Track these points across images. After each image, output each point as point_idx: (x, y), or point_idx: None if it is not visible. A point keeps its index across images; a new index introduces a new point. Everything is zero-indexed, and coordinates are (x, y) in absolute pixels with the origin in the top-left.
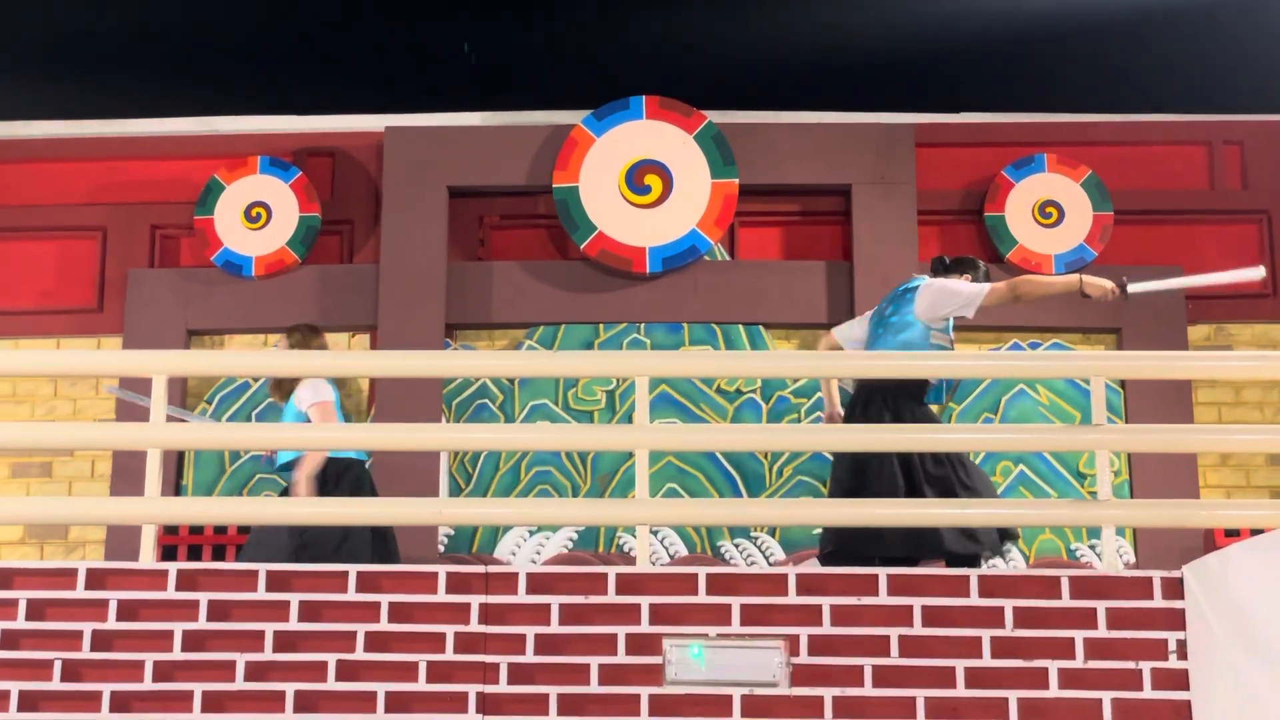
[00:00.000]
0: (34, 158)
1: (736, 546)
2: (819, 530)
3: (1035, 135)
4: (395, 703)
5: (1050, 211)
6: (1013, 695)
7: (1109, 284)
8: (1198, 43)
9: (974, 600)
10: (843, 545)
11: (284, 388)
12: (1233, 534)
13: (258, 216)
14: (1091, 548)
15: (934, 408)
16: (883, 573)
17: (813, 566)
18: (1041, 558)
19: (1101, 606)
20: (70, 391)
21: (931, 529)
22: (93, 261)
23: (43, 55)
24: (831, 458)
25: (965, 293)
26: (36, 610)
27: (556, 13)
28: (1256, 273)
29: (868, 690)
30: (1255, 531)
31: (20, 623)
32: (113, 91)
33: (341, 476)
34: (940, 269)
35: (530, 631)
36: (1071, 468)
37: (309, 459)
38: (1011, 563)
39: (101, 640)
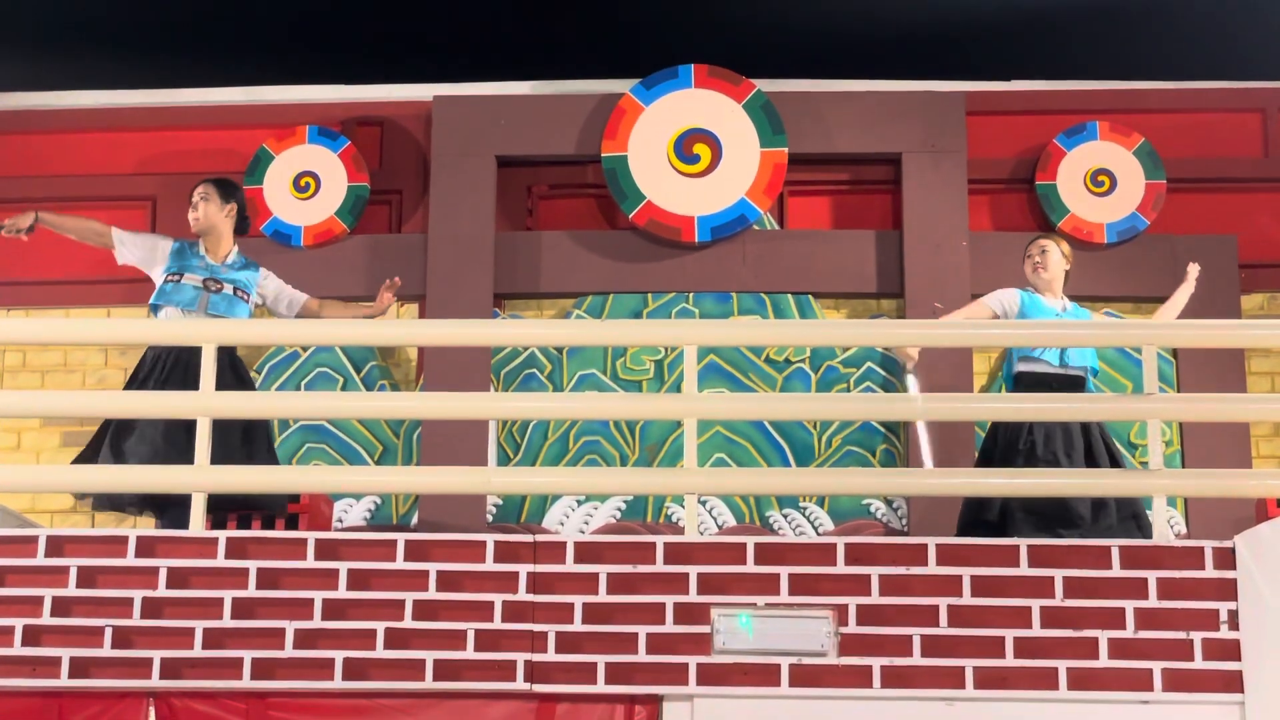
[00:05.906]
0: (83, 128)
1: (785, 517)
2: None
3: (1087, 103)
4: (443, 671)
5: (1102, 180)
6: (1062, 665)
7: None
8: (1251, 8)
9: (1023, 570)
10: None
11: None
12: None
13: (306, 186)
14: None
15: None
16: (931, 542)
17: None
18: None
19: (1152, 576)
20: (121, 361)
21: None
22: (143, 231)
23: (92, 26)
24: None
25: None
26: (87, 577)
27: None
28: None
29: (916, 660)
30: None
31: (71, 590)
32: (161, 62)
33: None
34: None
35: (578, 600)
36: (1123, 438)
37: None
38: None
39: (152, 607)
